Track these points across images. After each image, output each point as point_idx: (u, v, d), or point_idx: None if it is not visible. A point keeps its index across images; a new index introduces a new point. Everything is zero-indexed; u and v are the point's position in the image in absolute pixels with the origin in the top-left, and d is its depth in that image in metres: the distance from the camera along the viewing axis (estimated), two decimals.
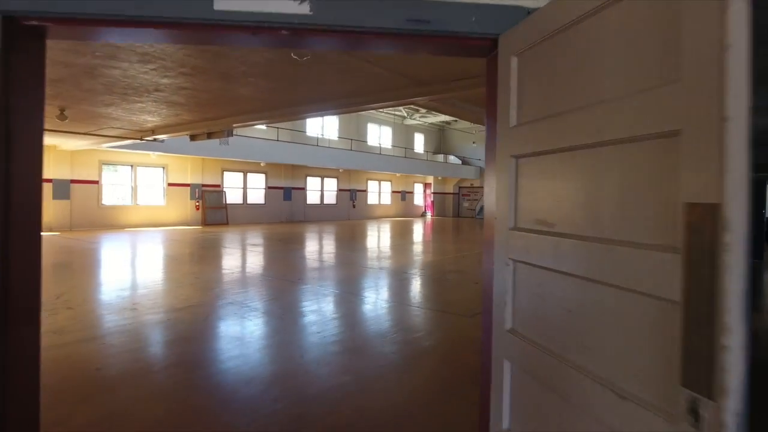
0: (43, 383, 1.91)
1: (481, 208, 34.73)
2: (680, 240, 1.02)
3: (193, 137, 11.35)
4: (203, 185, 21.02)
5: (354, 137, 28.18)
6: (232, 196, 22.31)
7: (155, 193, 19.86)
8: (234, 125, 9.98)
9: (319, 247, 14.00)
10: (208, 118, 9.84)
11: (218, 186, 21.71)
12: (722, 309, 0.90)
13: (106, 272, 8.79)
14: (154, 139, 12.46)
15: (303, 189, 25.69)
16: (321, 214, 26.70)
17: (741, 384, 0.90)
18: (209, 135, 10.89)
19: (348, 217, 28.39)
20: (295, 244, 14.42)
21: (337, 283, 7.93)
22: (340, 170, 26.85)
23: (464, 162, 35.02)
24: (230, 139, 19.74)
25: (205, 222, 20.82)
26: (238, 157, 20.37)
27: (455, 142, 36.34)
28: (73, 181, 17.18)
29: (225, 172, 22.01)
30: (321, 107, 7.98)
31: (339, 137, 27.66)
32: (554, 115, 1.52)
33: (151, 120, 10.33)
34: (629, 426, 1.14)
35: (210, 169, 21.29)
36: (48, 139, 14.42)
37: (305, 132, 25.64)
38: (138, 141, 12.52)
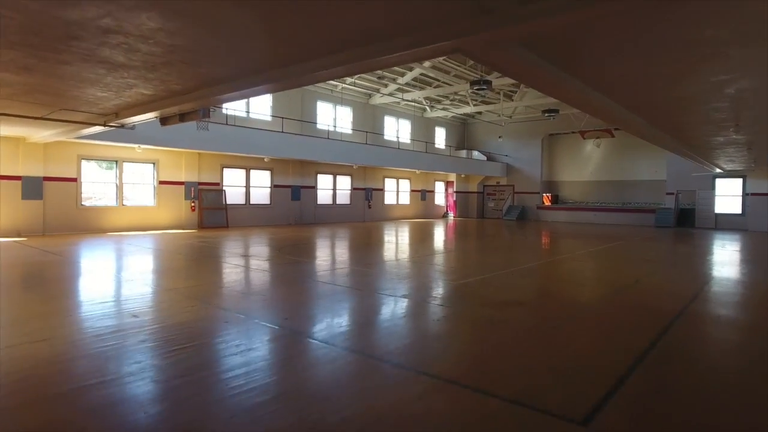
0: None
1: (509, 208, 31.92)
2: None
3: (164, 121, 8.90)
4: (200, 183, 18.66)
5: (369, 131, 25.60)
6: (234, 196, 19.93)
7: (145, 193, 17.55)
8: (211, 100, 7.47)
9: (330, 260, 11.50)
10: (174, 91, 7.35)
11: (217, 184, 19.33)
12: None
13: (20, 305, 6.34)
14: (122, 125, 10.06)
15: (313, 188, 23.20)
16: (333, 216, 24.20)
17: None
18: (182, 117, 8.43)
19: (363, 218, 25.84)
20: (301, 254, 11.94)
21: (352, 331, 5.35)
22: (354, 167, 24.30)
23: (489, 158, 32.18)
24: (229, 130, 17.35)
25: (202, 225, 18.45)
26: (238, 151, 17.96)
27: (480, 136, 33.51)
28: (46, 179, 14.92)
29: (225, 169, 19.62)
30: (323, 63, 5.38)
31: (353, 129, 25.09)
32: None
33: (104, 96, 7.89)
34: None
35: (208, 165, 18.92)
36: (10, 129, 12.13)
37: (315, 123, 23.14)
38: (104, 128, 10.12)
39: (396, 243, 15.30)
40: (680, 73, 6.37)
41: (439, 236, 17.94)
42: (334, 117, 24.45)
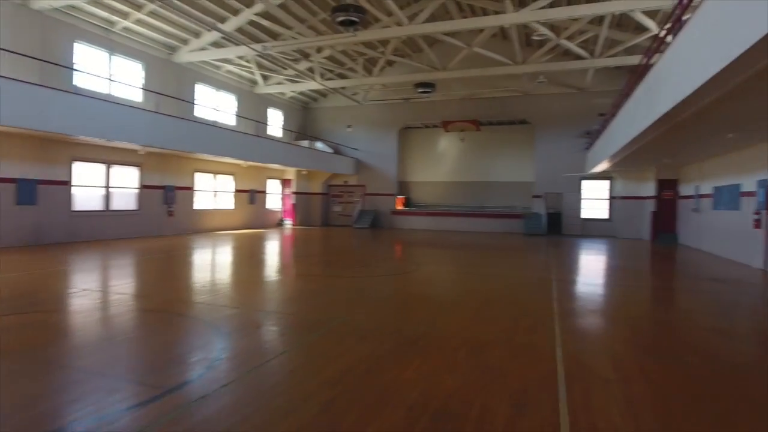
0: None
1: (360, 214, 26.17)
2: None
3: None
4: None
5: (171, 96, 17.13)
6: None
7: None
8: None
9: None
10: None
11: None
12: None
13: None
14: None
15: (65, 183, 13.98)
16: (107, 229, 15.19)
17: None
18: None
19: (160, 230, 17.23)
20: None
21: None
22: (142, 152, 15.63)
23: (337, 151, 26.07)
24: None
25: None
26: None
27: (324, 124, 27.13)
28: None
29: None
30: None
31: (144, 89, 16.33)
32: None
33: None
34: None
35: None
36: None
37: (71, 69, 13.90)
38: None
39: (213, 277, 7.97)
40: None
41: (271, 266, 10.93)
42: (109, 74, 15.44)
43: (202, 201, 19.44)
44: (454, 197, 27.86)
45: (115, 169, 15.52)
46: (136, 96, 16.20)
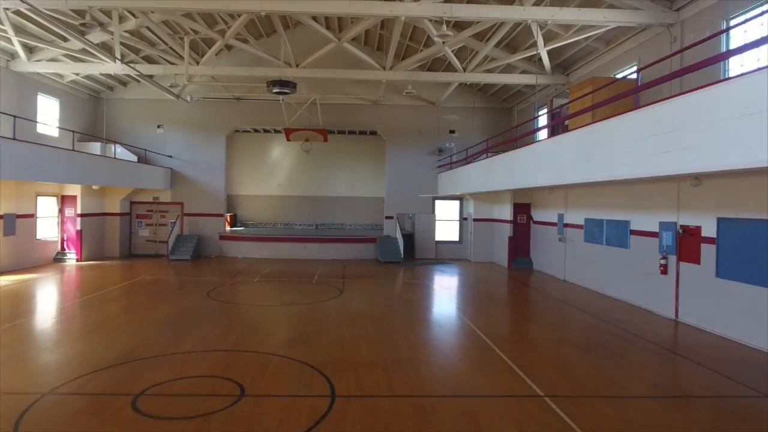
0: None
1: (178, 240, 20.49)
2: None
3: None
4: None
5: None
6: None
7: None
8: None
9: None
10: None
11: None
12: None
13: None
14: None
15: None
16: None
17: None
18: None
19: None
20: None
21: None
22: None
23: (143, 159, 20.00)
24: None
25: None
26: None
27: (124, 122, 20.60)
28: None
29: None
30: None
31: None
32: None
33: None
34: None
35: None
36: None
37: None
38: None
39: None
40: None
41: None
42: None
43: None
44: (291, 214, 24.51)
45: None
46: None
